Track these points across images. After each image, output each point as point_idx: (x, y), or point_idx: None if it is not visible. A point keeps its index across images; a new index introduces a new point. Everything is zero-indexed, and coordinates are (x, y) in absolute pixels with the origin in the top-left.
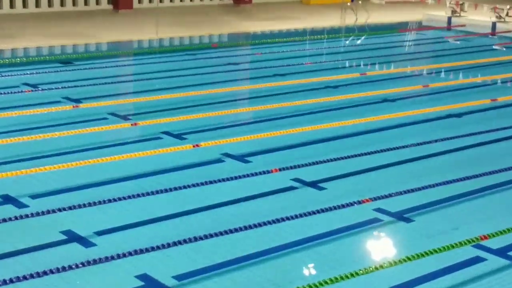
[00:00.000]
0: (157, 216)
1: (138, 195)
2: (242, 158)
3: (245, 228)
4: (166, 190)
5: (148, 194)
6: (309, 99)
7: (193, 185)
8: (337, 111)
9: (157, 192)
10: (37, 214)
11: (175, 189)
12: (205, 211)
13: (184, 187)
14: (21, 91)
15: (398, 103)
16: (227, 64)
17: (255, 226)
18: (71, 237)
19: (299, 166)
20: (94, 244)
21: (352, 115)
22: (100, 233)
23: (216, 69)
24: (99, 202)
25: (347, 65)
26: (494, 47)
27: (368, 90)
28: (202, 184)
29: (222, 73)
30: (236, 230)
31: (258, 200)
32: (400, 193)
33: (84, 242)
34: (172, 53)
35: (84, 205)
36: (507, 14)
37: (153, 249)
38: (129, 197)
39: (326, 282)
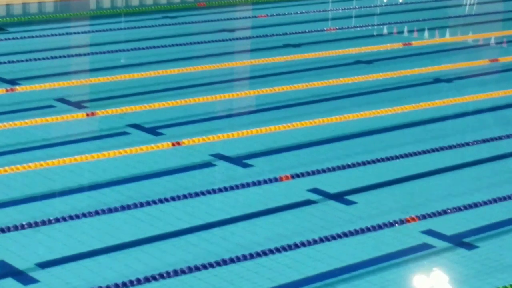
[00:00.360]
0: (120, 243)
1: (97, 212)
2: (240, 160)
3: (248, 257)
4: (133, 206)
5: (108, 211)
6: (333, 79)
7: (172, 199)
8: (371, 95)
9: (122, 208)
10: None
11: (147, 204)
12: (189, 235)
13: (160, 201)
14: None
15: (456, 84)
16: (219, 31)
17: (261, 255)
18: (8, 271)
19: (318, 172)
20: (37, 281)
21: (393, 101)
22: (42, 265)
23: (204, 38)
24: (42, 223)
25: (385, 31)
26: None
27: (415, 66)
28: (185, 197)
29: (213, 44)
30: (233, 260)
31: (263, 220)
32: (459, 209)
33: (23, 278)
34: (144, 16)
35: (22, 227)
36: None
37: None
38: (83, 215)
39: None
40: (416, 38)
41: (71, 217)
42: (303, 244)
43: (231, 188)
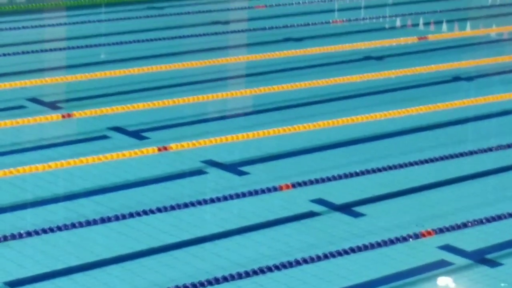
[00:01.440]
0: (99, 259)
1: (73, 225)
2: (234, 167)
3: (243, 276)
4: (114, 219)
5: (86, 223)
6: (339, 77)
7: (158, 210)
8: (382, 95)
9: (102, 221)
10: None
11: (130, 216)
12: (177, 251)
13: (145, 212)
14: None
15: (478, 82)
16: (212, 24)
17: (259, 273)
18: None
19: (322, 181)
20: None
21: (407, 102)
22: (12, 284)
23: (194, 31)
24: (11, 237)
25: (398, 24)
26: None
27: (431, 62)
28: (172, 208)
29: (205, 38)
30: (226, 279)
31: (261, 234)
32: (481, 222)
33: None
34: (126, 6)
35: None
36: None
37: None
38: (58, 228)
39: None
40: (433, 31)
41: (44, 231)
42: (305, 261)
43: (225, 198)
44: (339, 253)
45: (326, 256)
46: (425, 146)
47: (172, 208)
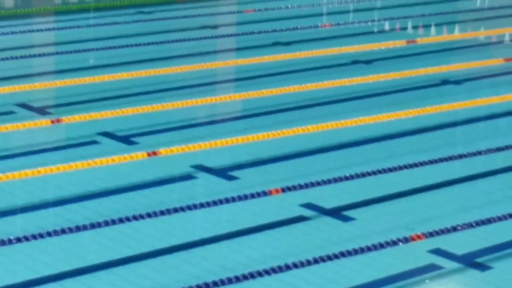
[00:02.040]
0: (89, 265)
1: (63, 231)
2: (224, 172)
3: (233, 280)
4: (104, 224)
5: (76, 229)
6: (328, 80)
7: (148, 215)
8: (371, 99)
9: (92, 226)
10: None
11: (120, 221)
12: (168, 256)
13: (135, 218)
14: None
15: (466, 86)
16: (200, 28)
17: (248, 277)
18: None
19: (311, 185)
20: None
21: (396, 106)
22: None
23: (183, 36)
24: (1, 243)
25: (386, 28)
26: None
27: (420, 66)
28: (162, 213)
29: (193, 42)
30: (216, 284)
31: (251, 238)
32: (471, 226)
33: None
34: (115, 11)
35: None
36: None
37: None
38: (47, 234)
39: None
40: (422, 35)
41: (34, 237)
42: (295, 266)
43: (214, 203)
44: (329, 257)
45: (316, 261)
46: (414, 149)
47: (162, 213)
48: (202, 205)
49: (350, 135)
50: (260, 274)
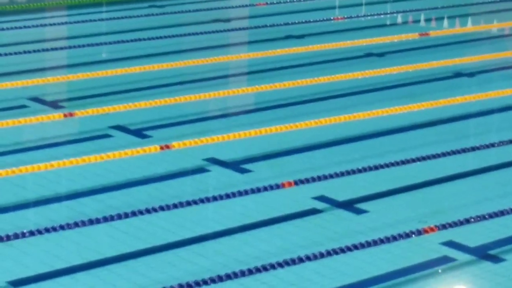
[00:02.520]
0: (101, 258)
1: (76, 224)
2: (236, 165)
3: (246, 273)
4: (117, 217)
5: (89, 222)
6: (341, 74)
7: (161, 208)
8: (384, 91)
9: (104, 219)
10: None
11: (133, 214)
12: (180, 249)
13: (147, 211)
14: None
15: (479, 78)
16: (213, 21)
17: (261, 270)
18: None
19: (324, 178)
20: None
21: (409, 98)
22: (14, 284)
23: (195, 29)
24: (14, 236)
25: (399, 20)
26: None
27: (433, 59)
28: (175, 206)
29: (206, 36)
30: (229, 277)
31: (263, 231)
32: (483, 218)
33: None
34: (128, 5)
35: None
36: None
37: None
38: (60, 227)
39: None
40: (434, 27)
41: (47, 230)
42: (308, 258)
43: (227, 196)
44: (342, 250)
45: (328, 253)
46: (426, 142)
47: (175, 206)
48: (214, 198)
49: (362, 127)
50: (272, 266)
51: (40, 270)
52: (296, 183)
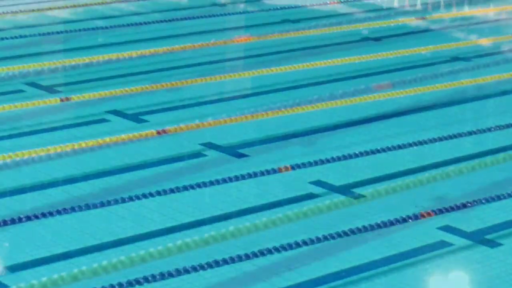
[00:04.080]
0: (98, 243)
1: (72, 209)
2: (233, 150)
3: (243, 258)
4: (114, 202)
5: (86, 207)
6: (337, 58)
7: (158, 193)
8: (380, 76)
9: (101, 204)
10: None
11: (129, 199)
12: (177, 234)
13: (144, 196)
14: None
15: (477, 62)
16: (209, 6)
17: (258, 255)
18: None
19: (321, 162)
20: (5, 286)
21: (405, 83)
22: (11, 269)
23: (191, 13)
24: (10, 221)
25: (396, 4)
26: None
27: (430, 43)
28: (171, 191)
29: (201, 20)
30: (226, 262)
31: (260, 216)
32: (480, 202)
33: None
34: None
35: None
36: None
37: None
38: (57, 212)
39: None
40: (431, 11)
41: (43, 215)
42: (305, 243)
43: (224, 180)
44: (338, 235)
45: (325, 238)
46: (424, 126)
47: (171, 191)
48: (211, 183)
49: (359, 112)
50: (269, 251)
51: (37, 255)
52: (292, 167)
